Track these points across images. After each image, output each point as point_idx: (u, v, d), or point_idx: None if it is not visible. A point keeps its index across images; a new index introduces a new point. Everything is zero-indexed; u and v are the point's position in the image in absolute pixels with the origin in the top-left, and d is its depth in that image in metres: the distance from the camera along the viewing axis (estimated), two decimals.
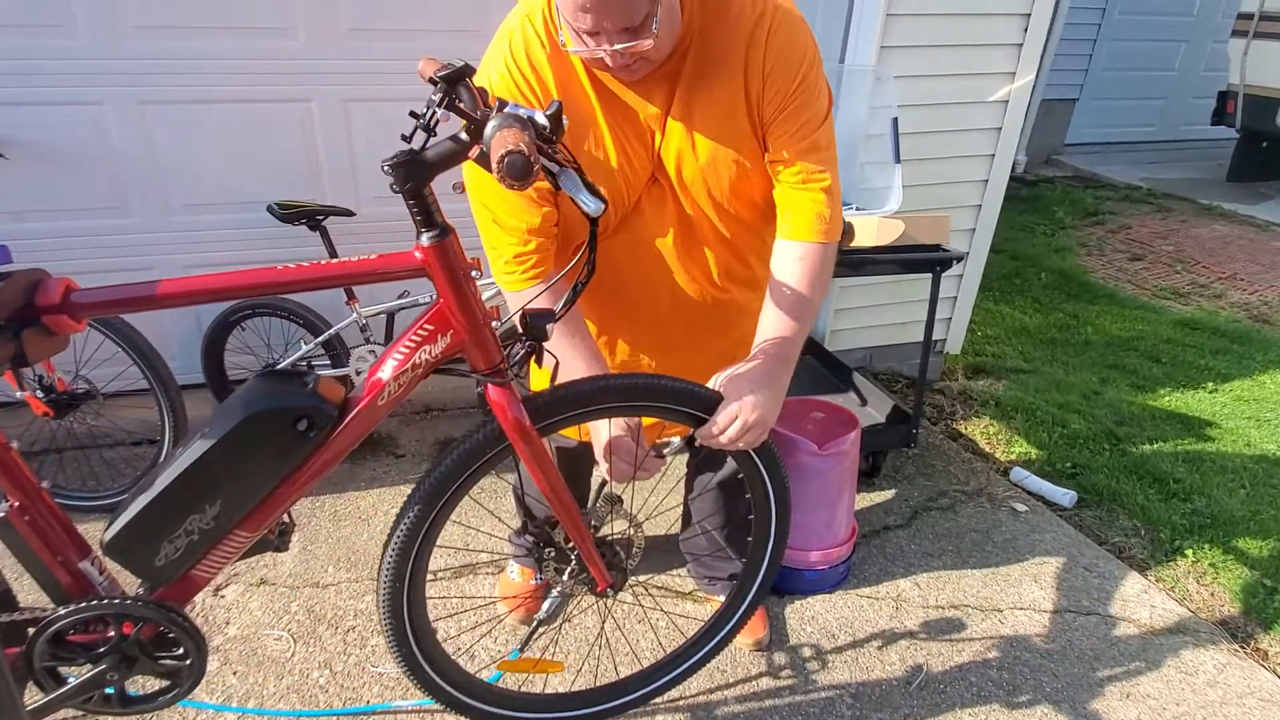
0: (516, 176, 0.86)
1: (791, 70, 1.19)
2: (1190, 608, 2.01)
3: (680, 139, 1.23)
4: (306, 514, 2.19)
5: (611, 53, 1.08)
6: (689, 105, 1.20)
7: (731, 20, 1.17)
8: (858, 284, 2.93)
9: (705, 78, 1.19)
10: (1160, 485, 2.53)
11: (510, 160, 0.85)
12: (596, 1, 1.01)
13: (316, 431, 1.06)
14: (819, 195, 1.25)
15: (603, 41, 1.07)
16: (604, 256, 1.33)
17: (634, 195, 1.29)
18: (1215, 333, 3.90)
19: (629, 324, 1.44)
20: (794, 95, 1.20)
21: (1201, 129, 7.28)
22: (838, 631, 1.87)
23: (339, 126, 2.43)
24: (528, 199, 1.22)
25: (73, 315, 0.99)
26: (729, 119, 1.21)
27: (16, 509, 1.07)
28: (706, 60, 1.18)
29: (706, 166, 1.24)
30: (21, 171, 2.20)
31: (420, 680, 1.31)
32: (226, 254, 2.45)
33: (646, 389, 1.21)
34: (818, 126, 1.24)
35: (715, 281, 1.39)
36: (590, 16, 1.03)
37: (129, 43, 2.17)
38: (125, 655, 1.13)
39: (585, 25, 1.05)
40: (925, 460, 2.60)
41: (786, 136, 1.22)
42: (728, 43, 1.18)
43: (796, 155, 1.23)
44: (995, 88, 2.74)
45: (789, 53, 1.18)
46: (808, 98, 1.21)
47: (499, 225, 1.25)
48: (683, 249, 1.34)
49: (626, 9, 1.03)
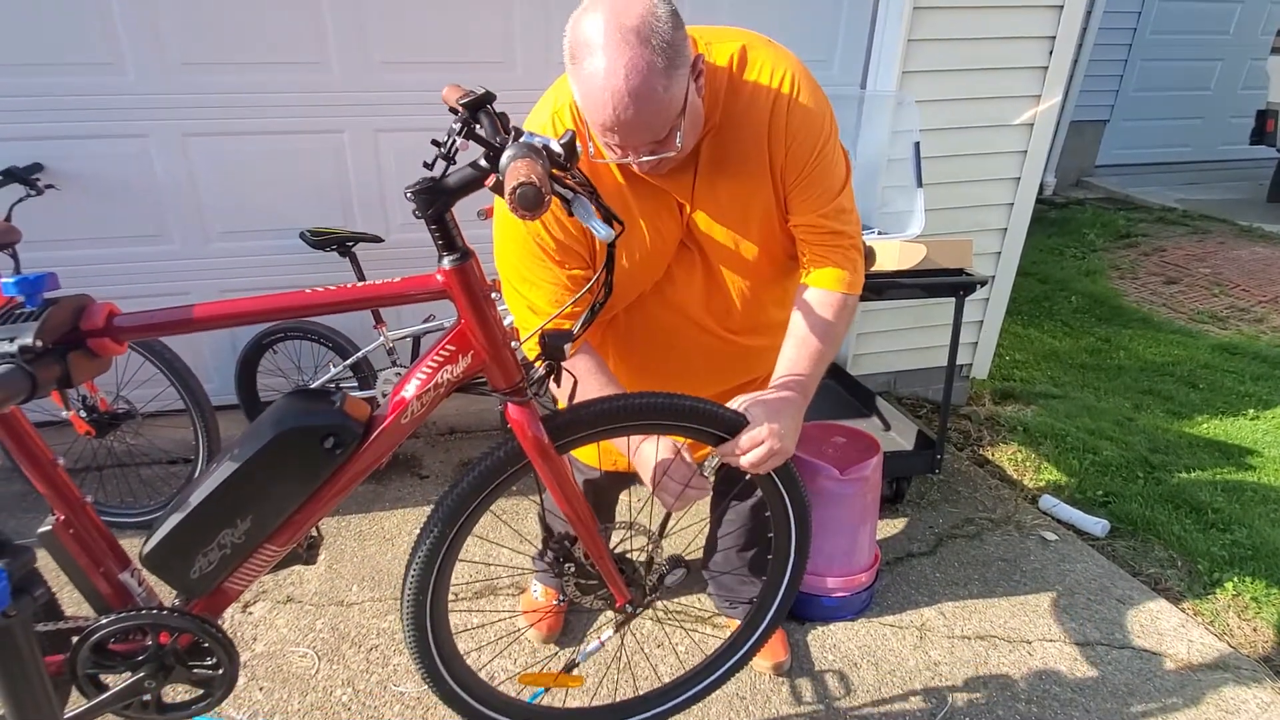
0: (528, 207, 0.89)
1: (811, 141, 1.23)
2: (1231, 643, 1.94)
3: (710, 206, 1.28)
4: (332, 533, 2.23)
5: (638, 163, 1.14)
6: (716, 176, 1.25)
7: (748, 95, 1.21)
8: (881, 308, 2.92)
9: (730, 148, 1.24)
10: (1198, 515, 2.46)
11: (522, 192, 0.88)
12: (622, 125, 1.05)
13: (343, 449, 1.09)
14: (844, 254, 1.31)
15: (630, 153, 1.12)
16: (634, 317, 1.41)
17: (665, 262, 1.35)
18: (1256, 358, 3.80)
19: (656, 375, 1.49)
20: (814, 164, 1.24)
21: (1240, 149, 7.14)
22: (860, 660, 1.84)
23: (369, 156, 2.51)
24: (566, 287, 1.28)
25: (115, 338, 1.04)
26: (754, 189, 1.26)
27: (62, 522, 1.12)
28: (728, 138, 1.23)
29: (733, 234, 1.30)
30: (71, 201, 2.31)
31: (443, 693, 1.33)
32: (260, 279, 2.53)
33: (667, 408, 1.22)
34: (838, 192, 1.29)
35: (738, 331, 1.44)
36: (617, 137, 1.08)
37: (175, 78, 2.28)
38: (162, 664, 1.16)
39: (612, 142, 1.10)
40: (951, 486, 2.56)
41: (809, 201, 1.27)
42: (749, 118, 1.22)
43: (821, 219, 1.28)
44: (1019, 111, 2.74)
45: (809, 126, 1.22)
46: (827, 165, 1.26)
47: (535, 313, 1.30)
48: (708, 305, 1.40)
49: (651, 129, 1.08)
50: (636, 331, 1.44)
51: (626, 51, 1.01)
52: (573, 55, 1.06)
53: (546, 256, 1.26)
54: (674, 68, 1.04)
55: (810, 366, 1.30)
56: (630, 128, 1.06)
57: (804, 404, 1.29)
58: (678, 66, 1.05)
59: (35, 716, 0.70)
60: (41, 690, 0.72)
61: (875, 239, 2.23)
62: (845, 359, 2.98)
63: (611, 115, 1.04)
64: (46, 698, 0.71)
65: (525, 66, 2.50)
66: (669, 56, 1.03)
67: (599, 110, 1.05)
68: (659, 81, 1.03)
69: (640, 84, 1.02)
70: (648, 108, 1.04)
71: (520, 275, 1.29)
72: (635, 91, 1.02)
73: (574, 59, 1.06)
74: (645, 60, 1.01)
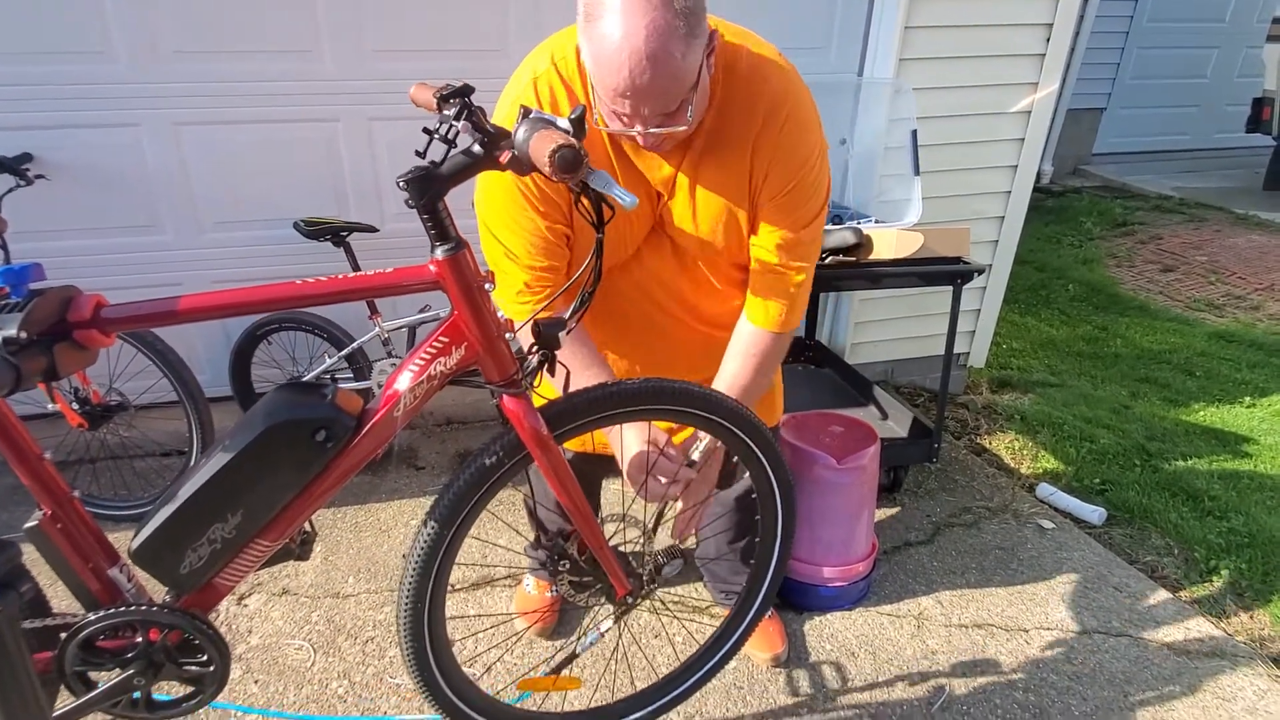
0: (569, 169, 0.88)
1: (791, 171, 1.22)
2: (1228, 630, 1.94)
3: (684, 203, 1.26)
4: (328, 525, 2.22)
5: (644, 134, 1.10)
6: (696, 174, 1.23)
7: (749, 101, 1.18)
8: (878, 297, 2.91)
9: (716, 150, 1.21)
10: (1195, 503, 2.46)
11: (561, 154, 0.88)
12: (637, 90, 1.01)
13: (335, 442, 1.08)
14: (787, 288, 1.31)
15: (637, 123, 1.08)
16: (605, 299, 1.38)
17: (635, 245, 1.34)
18: (1252, 345, 3.81)
19: (627, 355, 1.48)
20: (789, 194, 1.23)
21: (1236, 137, 7.13)
22: (857, 649, 1.84)
23: (363, 145, 2.48)
24: (548, 244, 1.26)
25: (102, 330, 1.02)
26: (731, 193, 1.24)
27: (49, 517, 1.10)
28: (720, 134, 1.20)
29: (705, 232, 1.28)
30: (61, 191, 2.28)
31: (439, 701, 1.32)
32: (254, 270, 2.51)
33: (659, 392, 1.22)
34: (806, 224, 1.27)
35: (708, 322, 1.43)
36: (629, 103, 1.04)
37: (166, 67, 2.24)
38: (152, 660, 1.15)
39: (623, 110, 1.06)
40: (948, 475, 2.56)
41: (773, 227, 1.26)
42: (742, 123, 1.19)
43: (777, 247, 1.28)
44: (1017, 99, 2.72)
45: (793, 156, 1.21)
46: (800, 199, 1.24)
47: (512, 260, 1.28)
48: (676, 292, 1.39)
49: (665, 97, 1.04)
50: (606, 314, 1.42)
51: (648, 12, 0.97)
52: (587, 13, 1.01)
53: (529, 204, 1.23)
54: (693, 36, 1.01)
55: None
56: (644, 94, 1.02)
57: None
58: (696, 35, 1.02)
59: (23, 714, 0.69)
60: (29, 687, 0.71)
61: (872, 227, 2.22)
62: (843, 348, 2.98)
63: (626, 79, 1.00)
64: (34, 695, 0.70)
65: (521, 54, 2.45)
66: (690, 23, 1.00)
67: (613, 73, 1.01)
68: (678, 47, 0.99)
69: (659, 48, 0.98)
70: (665, 73, 1.00)
71: (501, 221, 1.26)
72: (654, 55, 0.98)
73: (588, 17, 1.01)
74: (666, 23, 0.97)
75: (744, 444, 1.35)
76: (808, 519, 1.86)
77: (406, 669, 1.26)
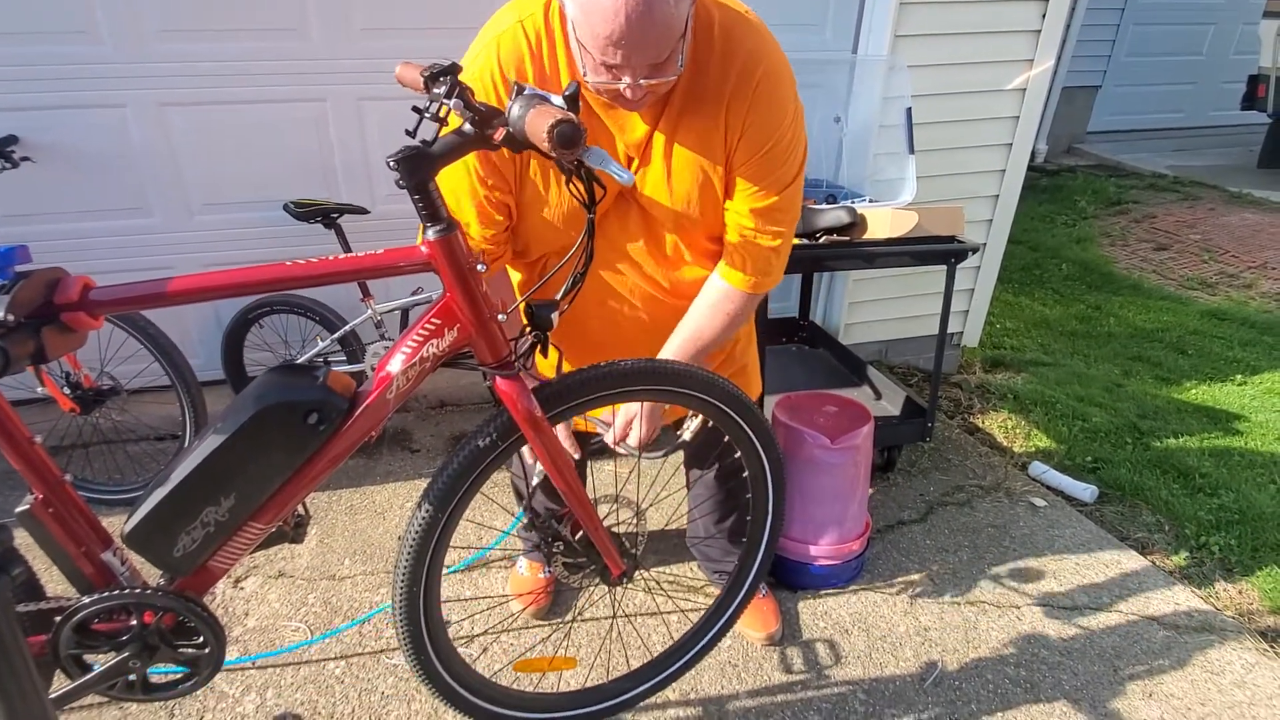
0: (567, 145, 0.88)
1: (767, 132, 1.20)
2: (1217, 605, 1.97)
3: (659, 167, 1.24)
4: (323, 508, 2.22)
5: (632, 86, 1.07)
6: (674, 132, 1.21)
7: (723, 58, 1.17)
8: (872, 276, 2.91)
9: (692, 109, 1.19)
10: (1185, 480, 2.48)
11: (560, 130, 0.87)
12: (630, 39, 1.00)
13: (327, 425, 1.08)
14: (762, 252, 1.29)
15: (625, 75, 1.06)
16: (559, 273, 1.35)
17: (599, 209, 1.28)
18: (1245, 323, 3.82)
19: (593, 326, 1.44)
20: (765, 156, 1.21)
21: (1231, 114, 7.12)
22: (851, 627, 1.86)
23: (353, 125, 2.45)
24: (485, 213, 1.25)
25: (90, 312, 1.01)
26: (707, 153, 1.22)
27: (41, 501, 1.10)
28: (695, 91, 1.19)
29: (679, 197, 1.26)
30: (46, 174, 2.25)
31: (435, 683, 1.32)
32: (244, 252, 2.48)
33: (654, 372, 1.22)
34: (783, 189, 1.25)
35: (672, 294, 1.40)
36: (621, 53, 1.02)
37: (150, 46, 2.21)
38: (146, 643, 1.15)
39: (613, 60, 1.04)
40: (941, 454, 2.58)
41: (749, 191, 1.24)
42: (717, 79, 1.17)
43: (752, 212, 1.26)
44: (1012, 76, 2.70)
45: (768, 115, 1.19)
46: (774, 163, 1.22)
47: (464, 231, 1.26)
48: (641, 265, 1.37)
49: (657, 46, 1.02)
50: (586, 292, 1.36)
51: None
52: None
53: (470, 171, 1.22)
54: None
55: (689, 358, 1.34)
56: (637, 43, 1.01)
57: None
58: None
59: (18, 696, 0.69)
60: (24, 670, 0.71)
61: (866, 206, 2.21)
62: (836, 328, 2.98)
63: (621, 26, 0.99)
64: (29, 678, 0.71)
65: None
66: None
67: (606, 21, 0.99)
68: None
69: None
70: (658, 20, 0.99)
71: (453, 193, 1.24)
72: (648, 1, 0.97)
73: None
74: None
75: (736, 424, 1.35)
76: (802, 498, 1.87)
77: (402, 650, 1.27)
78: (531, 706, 1.46)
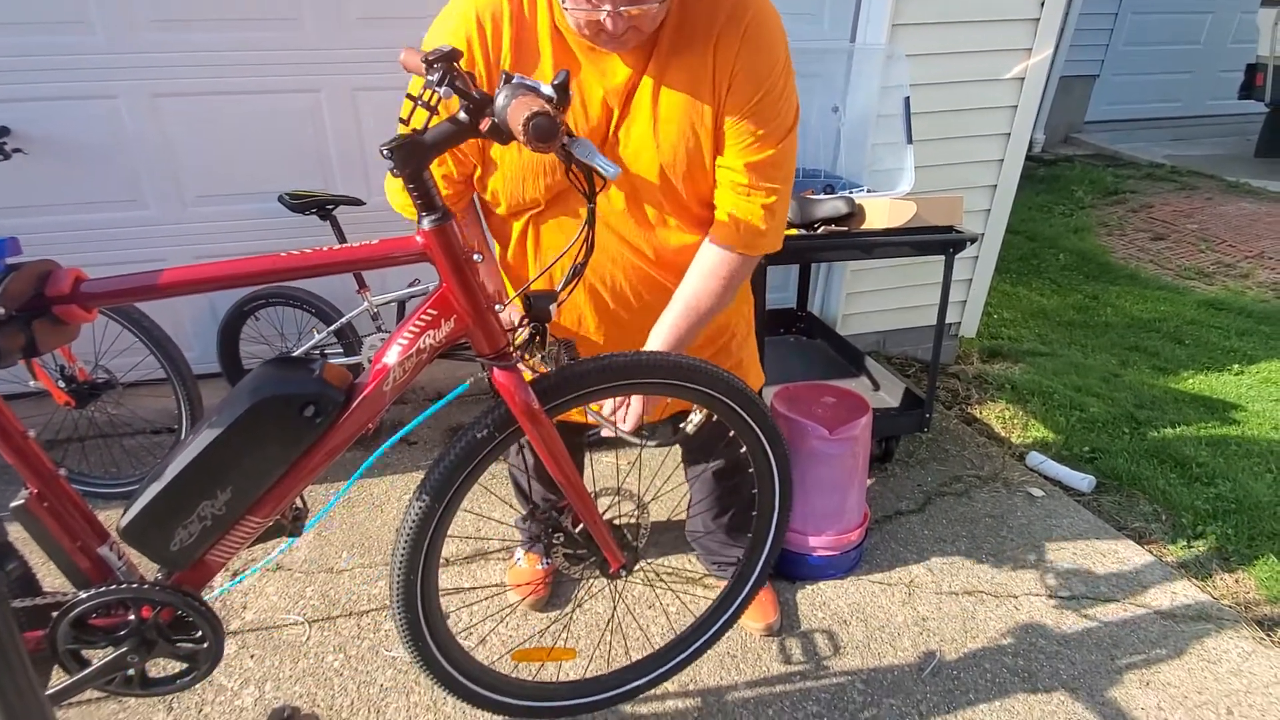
0: (543, 138, 0.87)
1: (756, 82, 1.17)
2: (1213, 594, 1.97)
3: (644, 119, 1.20)
4: (320, 501, 2.22)
5: (614, 15, 1.04)
6: (662, 76, 1.17)
7: (712, 2, 1.14)
8: (870, 267, 2.90)
9: (681, 51, 1.16)
10: (1182, 469, 2.48)
11: (536, 122, 0.86)
12: None
13: (323, 417, 1.07)
14: (757, 209, 1.24)
15: (605, 2, 1.03)
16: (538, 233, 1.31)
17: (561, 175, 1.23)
18: (1241, 313, 3.82)
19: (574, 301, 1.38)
20: (754, 108, 1.18)
21: (1228, 103, 7.11)
22: (849, 617, 1.86)
23: (348, 116, 2.43)
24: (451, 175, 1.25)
25: (82, 305, 1.00)
26: (694, 104, 1.19)
27: (36, 496, 1.09)
28: (684, 33, 1.16)
29: (666, 151, 1.21)
30: (39, 166, 2.23)
31: (435, 673, 1.32)
32: (239, 244, 2.47)
33: (654, 365, 1.21)
34: (776, 142, 1.22)
35: (657, 265, 1.34)
36: None
37: (143, 36, 2.18)
38: (144, 638, 1.15)
39: None
40: (939, 445, 2.58)
41: (741, 145, 1.21)
42: (706, 20, 1.15)
43: (746, 167, 1.22)
44: (1011, 64, 2.69)
45: (757, 65, 1.16)
46: (769, 112, 1.19)
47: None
48: (624, 226, 1.30)
49: None
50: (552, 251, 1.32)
51: None
52: None
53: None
54: None
55: (687, 329, 1.30)
56: None
57: None
58: None
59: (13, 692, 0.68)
60: (19, 666, 0.70)
61: (865, 196, 2.20)
62: (834, 319, 2.97)
63: None
64: (25, 673, 0.70)
65: None
66: None
67: None
68: None
69: None
70: None
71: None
72: None
73: None
74: None
75: (740, 417, 1.35)
76: (800, 489, 1.87)
77: (401, 642, 1.27)
78: (532, 694, 1.46)
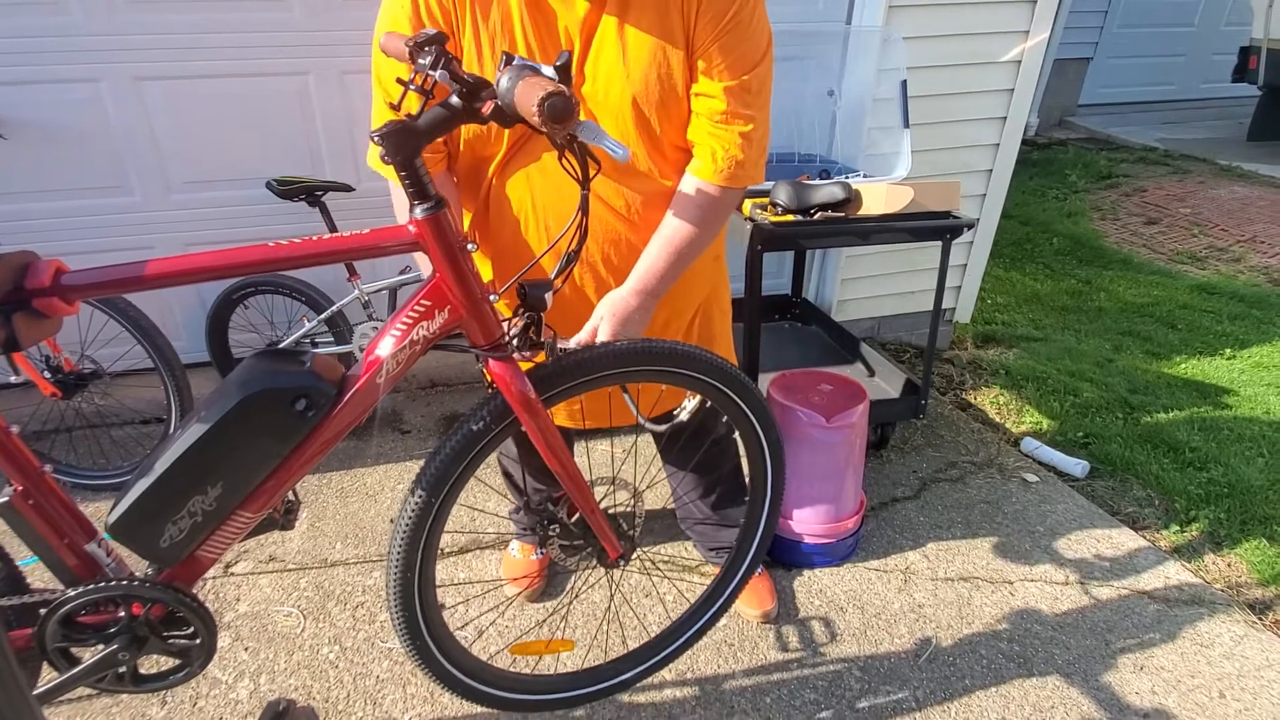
0: (559, 119, 0.85)
1: (725, 3, 1.14)
2: (1206, 578, 1.99)
3: (611, 51, 1.16)
4: (314, 491, 2.20)
5: None
6: (624, 15, 1.15)
7: None
8: (865, 253, 2.88)
9: None
10: (1175, 454, 2.49)
11: (552, 103, 0.85)
12: None
13: (315, 411, 1.05)
14: (734, 138, 1.21)
15: None
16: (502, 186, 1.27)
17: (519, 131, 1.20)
18: (1234, 297, 3.83)
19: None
20: (727, 28, 1.15)
21: (1221, 87, 7.10)
22: (846, 604, 1.86)
23: (336, 100, 2.38)
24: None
25: (64, 297, 0.97)
26: (663, 35, 1.16)
27: (20, 493, 1.07)
28: None
29: (637, 83, 1.18)
30: (19, 152, 2.18)
31: (431, 666, 1.31)
32: (227, 231, 2.43)
33: (650, 353, 1.20)
34: (751, 67, 1.18)
35: (631, 218, 1.29)
36: None
37: (123, 17, 2.13)
38: (135, 635, 1.13)
39: None
40: (934, 431, 2.58)
41: (715, 70, 1.18)
42: None
43: (722, 92, 1.19)
44: (1007, 47, 2.66)
45: None
46: (742, 33, 1.16)
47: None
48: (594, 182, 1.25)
49: None
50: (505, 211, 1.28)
51: None
52: None
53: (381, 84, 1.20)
54: None
55: (667, 266, 1.26)
56: None
57: (653, 305, 1.28)
58: None
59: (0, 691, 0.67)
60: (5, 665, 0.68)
61: (861, 182, 2.18)
62: (830, 305, 2.96)
63: None
64: (11, 672, 0.68)
65: None
66: None
67: None
68: None
69: None
70: None
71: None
72: None
73: None
74: None
75: (734, 403, 1.34)
76: (797, 477, 1.87)
77: (397, 636, 1.26)
78: (529, 688, 1.45)
